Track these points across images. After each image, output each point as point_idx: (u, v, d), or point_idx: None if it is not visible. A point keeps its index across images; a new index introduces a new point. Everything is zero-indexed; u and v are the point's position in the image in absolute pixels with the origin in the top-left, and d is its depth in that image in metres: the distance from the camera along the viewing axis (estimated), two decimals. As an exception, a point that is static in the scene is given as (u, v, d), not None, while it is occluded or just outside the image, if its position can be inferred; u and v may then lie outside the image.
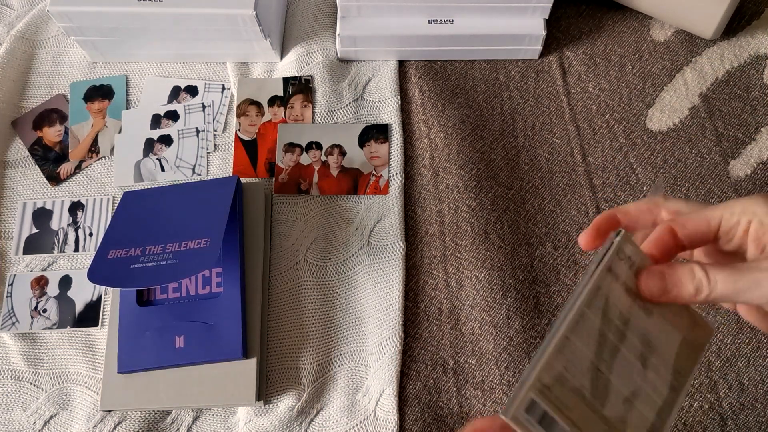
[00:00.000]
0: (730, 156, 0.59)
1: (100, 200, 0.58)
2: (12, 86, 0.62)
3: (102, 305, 0.54)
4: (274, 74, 0.62)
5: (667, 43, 0.64)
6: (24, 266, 0.56)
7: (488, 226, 0.56)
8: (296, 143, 0.59)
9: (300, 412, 0.51)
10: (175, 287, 0.51)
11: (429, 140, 0.59)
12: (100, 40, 0.60)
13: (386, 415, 0.50)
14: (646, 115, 0.61)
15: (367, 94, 0.62)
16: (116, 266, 0.47)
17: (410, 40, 0.60)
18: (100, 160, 0.60)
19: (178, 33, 0.58)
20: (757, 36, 0.64)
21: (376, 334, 0.53)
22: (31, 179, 0.59)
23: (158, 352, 0.49)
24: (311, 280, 0.55)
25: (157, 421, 0.51)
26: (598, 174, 0.59)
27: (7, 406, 0.52)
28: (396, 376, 0.51)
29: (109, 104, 0.62)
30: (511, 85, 0.63)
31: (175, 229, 0.49)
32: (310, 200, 0.57)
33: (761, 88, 0.61)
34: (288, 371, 0.52)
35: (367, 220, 0.56)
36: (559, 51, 0.64)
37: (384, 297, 0.54)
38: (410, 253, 0.56)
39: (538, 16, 0.60)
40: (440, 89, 0.62)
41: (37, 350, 0.53)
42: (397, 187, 0.57)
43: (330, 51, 0.62)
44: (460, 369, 0.52)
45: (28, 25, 0.64)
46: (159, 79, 0.63)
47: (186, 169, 0.59)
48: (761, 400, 0.50)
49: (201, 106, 0.61)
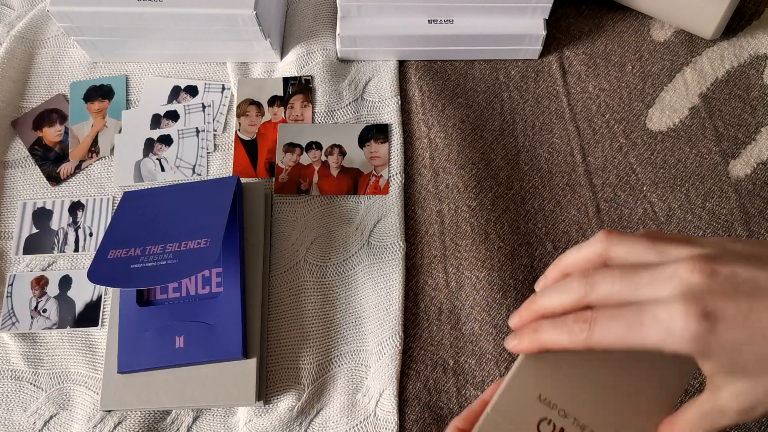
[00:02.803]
0: (730, 156, 0.59)
1: (100, 200, 0.58)
2: (12, 86, 0.62)
3: (102, 305, 0.54)
4: (274, 74, 0.62)
5: (667, 43, 0.64)
6: (24, 266, 0.56)
7: (488, 226, 0.56)
8: (296, 143, 0.59)
9: (300, 412, 0.51)
10: (175, 287, 0.51)
11: (429, 140, 0.59)
12: (100, 40, 0.60)
13: (386, 415, 0.50)
14: (646, 115, 0.61)
15: (367, 94, 0.62)
16: (116, 266, 0.47)
17: (410, 40, 0.60)
18: (100, 160, 0.60)
19: (178, 33, 0.58)
20: (757, 36, 0.64)
21: (376, 334, 0.53)
22: (31, 179, 0.59)
23: (158, 352, 0.49)
24: (311, 280, 0.55)
25: (157, 421, 0.51)
26: (598, 174, 0.59)
27: (7, 406, 0.52)
28: (396, 376, 0.51)
29: (109, 104, 0.62)
30: (511, 85, 0.63)
31: (175, 229, 0.49)
32: (310, 200, 0.57)
33: (761, 88, 0.61)
34: (288, 371, 0.52)
35: (367, 220, 0.56)
36: (559, 51, 0.64)
37: (384, 297, 0.54)
38: (410, 253, 0.56)
39: (538, 16, 0.60)
40: (440, 89, 0.62)
41: (37, 350, 0.53)
42: (397, 187, 0.57)
43: (330, 51, 0.62)
44: (460, 369, 0.52)
45: (28, 25, 0.64)
46: (159, 79, 0.63)
47: (186, 169, 0.59)
48: (761, 400, 0.50)
49: (201, 106, 0.61)
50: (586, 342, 0.28)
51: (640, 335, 0.26)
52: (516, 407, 0.32)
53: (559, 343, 0.29)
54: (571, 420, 0.32)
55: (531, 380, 0.32)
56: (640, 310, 0.26)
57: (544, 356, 0.31)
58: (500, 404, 0.32)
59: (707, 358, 0.26)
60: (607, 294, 0.28)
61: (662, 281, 0.26)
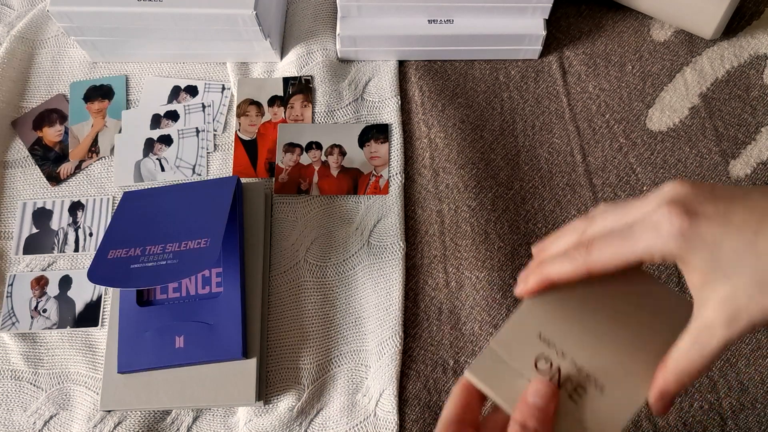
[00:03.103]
0: (730, 156, 0.59)
1: (100, 200, 0.58)
2: (12, 86, 0.62)
3: (102, 305, 0.54)
4: (274, 74, 0.62)
5: (667, 43, 0.64)
6: (24, 266, 0.56)
7: (488, 226, 0.56)
8: (296, 143, 0.59)
9: (300, 412, 0.51)
10: (175, 287, 0.51)
11: (429, 140, 0.59)
12: (100, 40, 0.60)
13: (386, 415, 0.50)
14: (646, 115, 0.61)
15: (367, 94, 0.62)
16: (116, 266, 0.47)
17: (410, 40, 0.60)
18: (100, 160, 0.60)
19: (178, 33, 0.58)
20: (757, 36, 0.64)
21: (376, 334, 0.53)
22: (31, 179, 0.59)
23: (158, 352, 0.49)
24: (311, 280, 0.55)
25: (157, 421, 0.51)
26: (598, 174, 0.59)
27: (7, 406, 0.52)
28: (396, 376, 0.51)
29: (109, 104, 0.62)
30: (511, 85, 0.63)
31: (175, 229, 0.49)
32: (310, 200, 0.57)
33: (761, 88, 0.61)
34: (288, 371, 0.52)
35: (367, 220, 0.56)
36: (559, 51, 0.64)
37: (384, 297, 0.54)
38: (410, 253, 0.56)
39: (538, 16, 0.60)
40: (440, 89, 0.62)
41: (37, 350, 0.53)
42: (397, 187, 0.57)
43: (330, 51, 0.62)
44: (460, 369, 0.52)
45: (28, 25, 0.64)
46: (159, 79, 0.63)
47: (186, 169, 0.59)
48: (761, 400, 0.50)
49: (201, 106, 0.61)
50: (586, 264, 0.30)
51: (632, 246, 0.29)
52: (516, 342, 0.33)
53: (561, 273, 0.31)
54: (568, 360, 0.33)
55: (533, 319, 0.34)
56: (631, 226, 0.29)
57: (547, 298, 0.32)
58: (502, 338, 0.33)
59: (691, 254, 0.28)
60: (602, 226, 0.31)
61: (648, 201, 0.30)
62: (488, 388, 0.32)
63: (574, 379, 0.32)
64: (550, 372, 0.32)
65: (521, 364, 0.33)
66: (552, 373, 0.32)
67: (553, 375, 0.32)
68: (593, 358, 0.33)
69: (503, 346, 0.33)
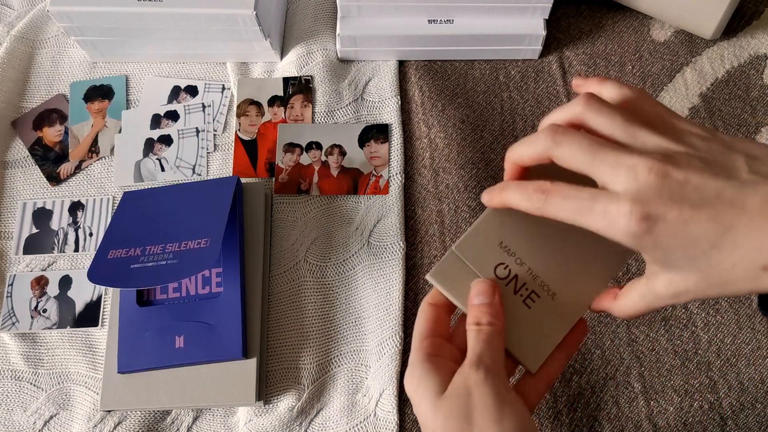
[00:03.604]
0: (730, 156, 0.59)
1: (100, 200, 0.58)
2: (12, 86, 0.62)
3: (102, 305, 0.54)
4: (274, 74, 0.62)
5: (667, 43, 0.64)
6: (24, 266, 0.56)
7: (488, 226, 0.56)
8: (296, 143, 0.59)
9: (300, 412, 0.51)
10: (175, 287, 0.51)
11: (429, 140, 0.60)
12: (100, 40, 0.60)
13: (386, 415, 0.50)
14: (646, 115, 0.61)
15: (367, 94, 0.62)
16: (116, 266, 0.47)
17: (410, 40, 0.60)
18: (100, 160, 0.60)
19: (178, 33, 0.58)
20: (757, 36, 0.64)
21: (376, 334, 0.53)
22: (31, 179, 0.59)
23: (158, 352, 0.49)
24: (311, 280, 0.55)
25: (157, 421, 0.51)
26: (598, 174, 0.59)
27: (7, 406, 0.52)
28: (396, 376, 0.51)
29: (109, 104, 0.62)
30: (511, 85, 0.63)
31: (175, 229, 0.49)
32: (310, 200, 0.57)
33: (761, 88, 0.61)
34: (288, 371, 0.52)
35: (367, 220, 0.56)
36: (559, 51, 0.64)
37: (384, 297, 0.54)
38: (410, 253, 0.56)
39: (538, 16, 0.60)
40: (440, 89, 0.62)
41: (37, 350, 0.53)
42: (397, 187, 0.57)
43: (330, 51, 0.62)
44: (460, 369, 0.52)
45: (28, 25, 0.64)
46: (159, 79, 0.63)
47: (186, 169, 0.59)
48: (761, 400, 0.50)
49: (201, 106, 0.61)
50: (541, 210, 0.30)
51: (586, 219, 0.29)
52: (477, 248, 0.35)
53: (519, 206, 0.32)
54: (525, 268, 0.35)
55: (495, 227, 0.36)
56: (592, 199, 0.28)
57: (510, 210, 0.32)
58: (463, 244, 0.35)
59: (643, 252, 0.29)
60: (568, 156, 0.30)
61: (620, 171, 0.28)
62: (448, 291, 0.35)
63: (529, 285, 0.35)
64: (507, 278, 0.35)
65: (480, 269, 0.35)
66: (509, 279, 0.35)
67: (510, 281, 0.35)
68: (548, 267, 0.35)
69: (464, 251, 0.35)
